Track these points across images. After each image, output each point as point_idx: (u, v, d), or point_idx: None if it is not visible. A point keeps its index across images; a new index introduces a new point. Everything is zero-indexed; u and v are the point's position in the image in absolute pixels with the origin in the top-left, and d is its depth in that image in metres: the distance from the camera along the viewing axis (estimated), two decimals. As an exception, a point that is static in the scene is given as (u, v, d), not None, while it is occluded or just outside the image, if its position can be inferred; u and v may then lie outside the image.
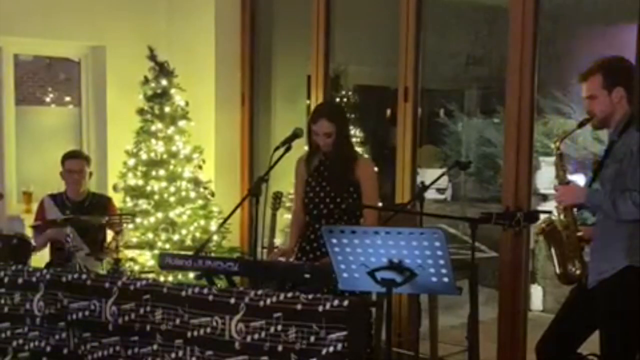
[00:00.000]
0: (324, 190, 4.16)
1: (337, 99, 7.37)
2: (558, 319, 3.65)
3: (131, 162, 5.93)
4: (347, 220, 4.12)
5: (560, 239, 3.54)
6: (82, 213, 5.03)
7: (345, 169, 4.14)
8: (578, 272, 3.52)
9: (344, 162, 4.15)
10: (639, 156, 3.23)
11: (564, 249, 3.54)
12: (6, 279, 3.82)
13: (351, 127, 7.53)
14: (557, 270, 3.59)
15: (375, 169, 4.42)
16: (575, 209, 3.57)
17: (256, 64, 6.49)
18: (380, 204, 4.60)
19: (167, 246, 5.72)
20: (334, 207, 4.13)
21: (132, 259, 5.70)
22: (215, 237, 5.66)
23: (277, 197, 4.97)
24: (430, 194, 8.53)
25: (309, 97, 5.96)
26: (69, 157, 5.24)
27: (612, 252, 3.35)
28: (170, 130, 5.92)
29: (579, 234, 3.53)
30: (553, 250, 3.59)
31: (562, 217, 3.53)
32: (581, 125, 3.51)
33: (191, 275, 5.29)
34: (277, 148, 3.98)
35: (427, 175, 6.72)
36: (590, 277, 3.46)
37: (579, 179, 5.11)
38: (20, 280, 3.79)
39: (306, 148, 4.39)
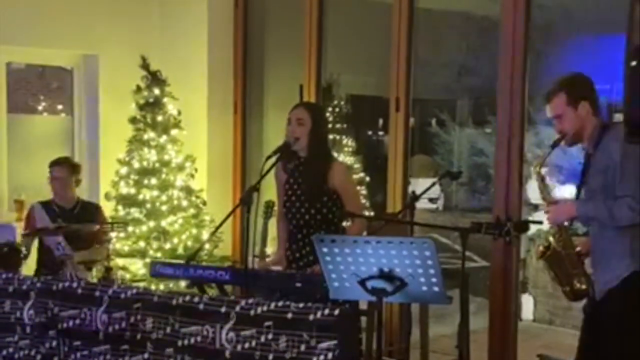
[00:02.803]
0: (299, 200, 4.11)
1: (330, 109, 7.40)
2: (583, 340, 3.63)
3: (123, 170, 5.93)
4: (325, 229, 4.07)
5: (561, 259, 3.56)
6: (71, 220, 5.00)
7: (318, 179, 4.06)
8: (584, 286, 3.53)
9: (317, 172, 4.06)
10: (622, 165, 3.27)
11: (566, 267, 3.56)
12: (-4, 287, 3.82)
13: (343, 137, 7.62)
14: (564, 289, 3.60)
15: (355, 175, 4.39)
16: (567, 224, 3.59)
17: (248, 73, 6.51)
18: (366, 211, 4.60)
19: (159, 255, 5.72)
20: (310, 217, 4.08)
21: (123, 268, 5.69)
22: (206, 246, 5.66)
23: (269, 206, 4.97)
24: (423, 204, 8.55)
25: (301, 107, 5.98)
26: (54, 164, 5.21)
27: (615, 260, 3.37)
28: (163, 139, 5.93)
29: (577, 249, 3.56)
30: (556, 272, 3.60)
31: (557, 236, 3.54)
32: (555, 145, 3.56)
33: (182, 283, 5.28)
34: (268, 157, 3.99)
35: (419, 184, 6.74)
36: (597, 289, 3.47)
37: (572, 189, 5.13)
38: (10, 289, 3.78)
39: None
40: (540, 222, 3.65)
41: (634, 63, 2.49)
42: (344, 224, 4.30)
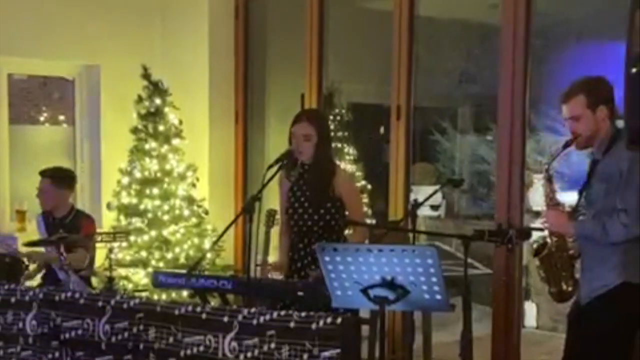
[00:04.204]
0: (302, 207, 4.13)
1: (331, 117, 7.40)
2: (568, 343, 3.65)
3: (125, 180, 5.94)
4: (327, 237, 4.09)
5: (554, 260, 3.57)
6: (63, 229, 4.93)
7: (323, 185, 4.09)
8: (570, 289, 3.55)
9: (322, 178, 4.09)
10: (628, 175, 3.26)
11: (557, 269, 3.57)
12: (-1, 298, 3.82)
13: (345, 145, 7.62)
14: (551, 289, 3.62)
15: (358, 184, 4.40)
16: None
17: (250, 82, 6.52)
18: (367, 219, 4.59)
19: (161, 264, 5.72)
20: (312, 224, 4.10)
21: (125, 278, 5.69)
22: (208, 255, 5.66)
23: (271, 214, 4.96)
24: (424, 211, 8.54)
25: (302, 116, 5.98)
26: (39, 174, 5.20)
27: (605, 269, 3.36)
28: (164, 148, 5.94)
29: (570, 252, 3.56)
30: (547, 272, 3.60)
31: (554, 238, 3.55)
32: (566, 146, 3.52)
33: (185, 293, 5.28)
34: (270, 166, 3.99)
35: (421, 192, 6.74)
36: (582, 294, 3.48)
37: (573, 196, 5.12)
38: (13, 299, 3.78)
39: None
40: (542, 229, 3.65)
41: (634, 70, 2.49)
42: (346, 232, 4.31)
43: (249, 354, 3.16)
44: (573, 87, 3.46)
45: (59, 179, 5.20)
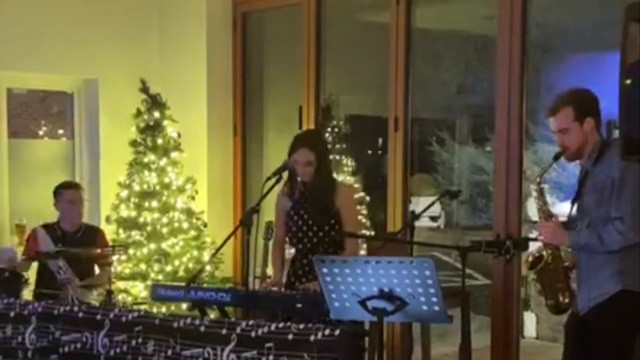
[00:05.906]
0: (306, 224, 4.16)
1: (329, 129, 7.42)
2: (566, 353, 3.65)
3: (124, 193, 5.94)
4: (332, 254, 4.09)
5: (550, 272, 3.57)
6: (75, 244, 5.00)
7: (325, 201, 4.12)
8: (567, 300, 3.55)
9: (323, 194, 4.13)
10: (621, 184, 3.28)
11: (553, 280, 3.57)
12: (-2, 312, 3.83)
13: (343, 157, 7.64)
14: (548, 302, 3.62)
15: (358, 194, 4.42)
16: None
17: (248, 94, 6.53)
18: (364, 231, 4.59)
19: (160, 277, 5.71)
20: (317, 240, 4.12)
21: (124, 290, 5.69)
22: (207, 268, 5.66)
23: (270, 226, 4.97)
24: (424, 222, 8.54)
25: (300, 128, 6.00)
26: (67, 187, 5.24)
27: (603, 277, 3.37)
28: (163, 161, 5.94)
29: (565, 264, 3.57)
30: (544, 284, 3.61)
31: (548, 250, 3.56)
32: (556, 158, 3.56)
33: (184, 306, 5.28)
34: (268, 178, 4.01)
35: (421, 203, 6.75)
36: (580, 304, 3.48)
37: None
38: (12, 314, 3.80)
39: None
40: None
41: (628, 81, 2.50)
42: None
43: (247, 367, 3.17)
44: (559, 100, 3.49)
45: (83, 191, 5.33)
